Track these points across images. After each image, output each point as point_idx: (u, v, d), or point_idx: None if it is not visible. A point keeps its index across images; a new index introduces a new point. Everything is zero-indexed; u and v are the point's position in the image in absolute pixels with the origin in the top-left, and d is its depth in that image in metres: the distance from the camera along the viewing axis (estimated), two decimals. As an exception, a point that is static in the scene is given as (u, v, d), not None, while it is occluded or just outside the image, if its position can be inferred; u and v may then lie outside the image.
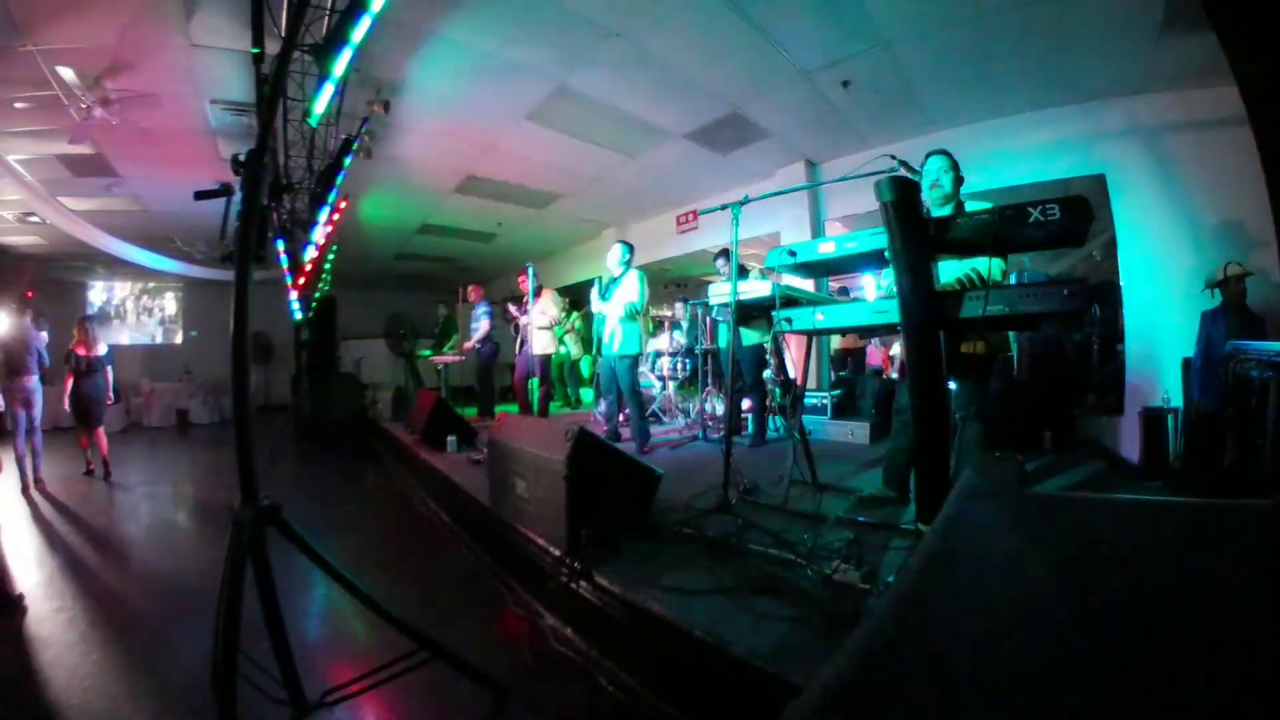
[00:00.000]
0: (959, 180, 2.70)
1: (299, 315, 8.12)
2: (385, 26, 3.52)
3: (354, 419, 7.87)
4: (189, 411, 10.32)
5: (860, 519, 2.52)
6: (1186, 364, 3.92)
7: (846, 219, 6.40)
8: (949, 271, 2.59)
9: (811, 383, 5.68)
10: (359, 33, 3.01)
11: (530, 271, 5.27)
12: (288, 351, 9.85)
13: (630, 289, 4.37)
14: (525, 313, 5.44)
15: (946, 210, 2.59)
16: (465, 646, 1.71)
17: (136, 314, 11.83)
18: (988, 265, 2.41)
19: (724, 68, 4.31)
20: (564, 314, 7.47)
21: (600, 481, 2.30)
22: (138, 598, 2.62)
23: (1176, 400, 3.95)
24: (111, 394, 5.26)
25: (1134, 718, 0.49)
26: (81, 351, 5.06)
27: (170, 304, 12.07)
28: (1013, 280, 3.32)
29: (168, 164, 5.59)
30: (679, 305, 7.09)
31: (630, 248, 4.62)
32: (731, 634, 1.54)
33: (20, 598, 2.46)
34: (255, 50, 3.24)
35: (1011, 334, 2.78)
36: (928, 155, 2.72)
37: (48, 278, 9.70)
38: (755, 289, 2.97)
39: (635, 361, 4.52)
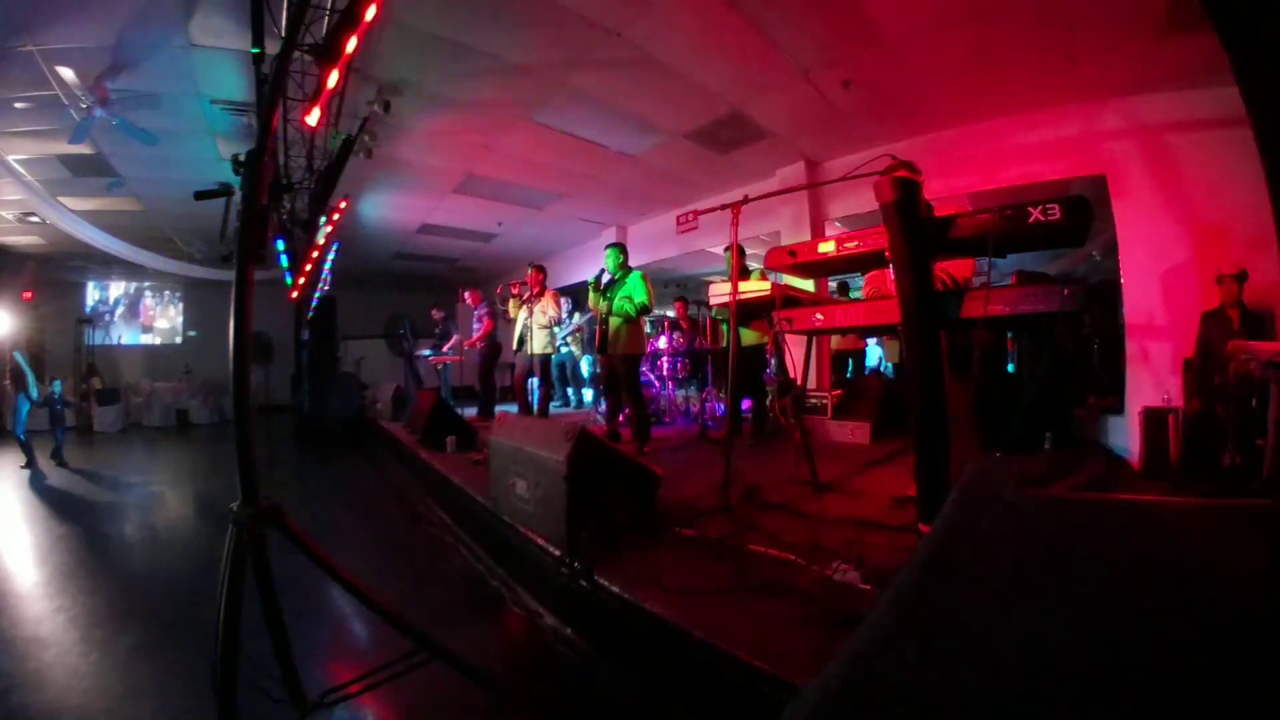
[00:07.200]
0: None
1: (298, 315, 8.14)
2: (385, 26, 3.53)
3: (354, 419, 7.87)
4: (189, 411, 10.32)
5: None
6: (1186, 364, 3.92)
7: (846, 219, 6.41)
8: None
9: (812, 383, 5.68)
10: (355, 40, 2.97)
11: (532, 272, 5.30)
12: (288, 351, 9.86)
13: (638, 290, 4.37)
14: (526, 302, 5.44)
15: None
16: (465, 646, 1.71)
17: (135, 313, 11.82)
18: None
19: (724, 68, 4.31)
20: (568, 315, 7.47)
21: (600, 481, 2.30)
22: (138, 598, 2.61)
23: (1176, 400, 3.95)
24: None
25: (1134, 718, 0.49)
26: None
27: (170, 304, 12.07)
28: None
29: (168, 164, 5.59)
30: (676, 305, 7.10)
31: (622, 248, 4.61)
32: (731, 634, 1.54)
33: None
34: (255, 50, 3.24)
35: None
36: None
37: (47, 278, 9.70)
38: (755, 289, 2.97)
39: (637, 362, 4.52)
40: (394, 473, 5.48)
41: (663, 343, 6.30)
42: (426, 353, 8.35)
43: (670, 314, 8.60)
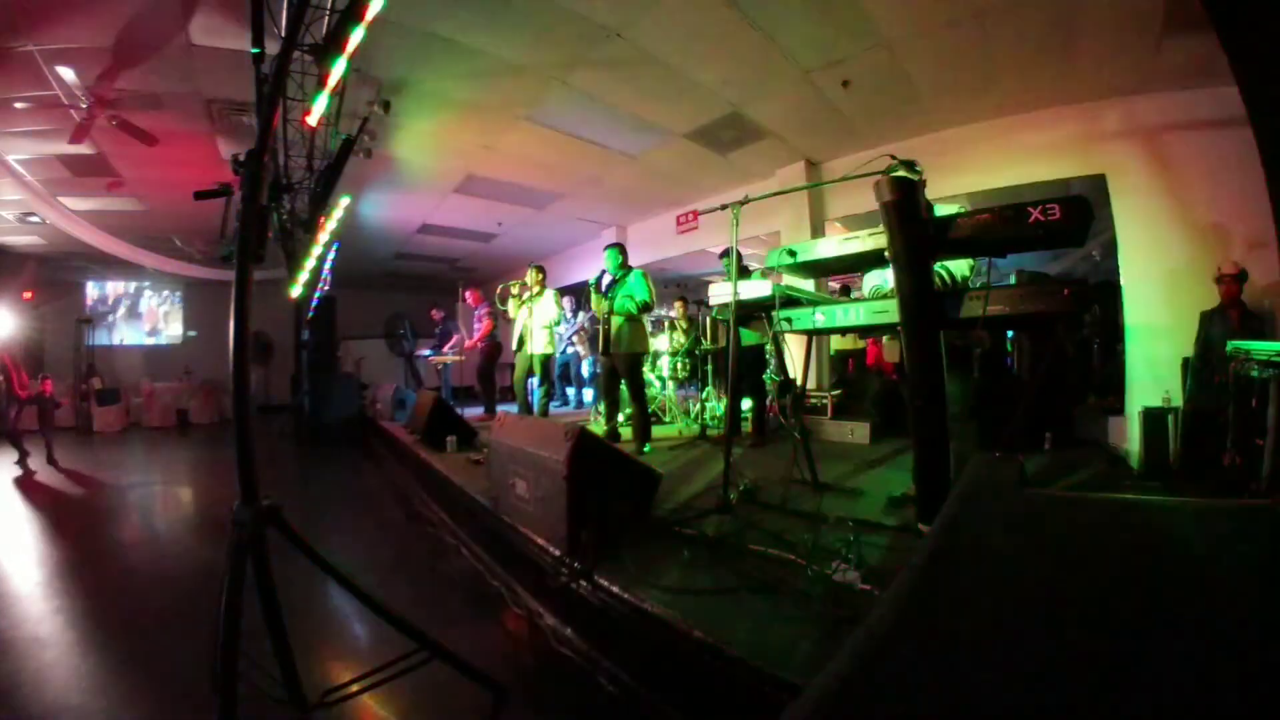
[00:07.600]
0: None
1: (298, 315, 8.12)
2: (385, 26, 3.53)
3: (354, 419, 7.86)
4: (189, 411, 10.32)
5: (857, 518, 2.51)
6: (1186, 364, 3.92)
7: (846, 219, 6.41)
8: None
9: (812, 383, 5.68)
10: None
11: (532, 272, 5.30)
12: (288, 351, 9.88)
13: (639, 288, 4.37)
14: (526, 303, 5.45)
15: None
16: (465, 647, 1.71)
17: (135, 313, 11.82)
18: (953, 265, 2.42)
19: (724, 68, 4.31)
20: (571, 314, 7.46)
21: (600, 481, 2.30)
22: (138, 598, 2.62)
23: (1176, 400, 3.95)
24: None
25: (1133, 717, 0.49)
26: None
27: (170, 304, 12.06)
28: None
29: (168, 164, 5.59)
30: (677, 305, 7.08)
31: (621, 248, 4.60)
32: (731, 634, 1.54)
33: None
34: (255, 50, 3.24)
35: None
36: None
37: (47, 278, 9.69)
38: (755, 289, 2.97)
39: (639, 361, 4.51)
40: (394, 473, 5.48)
41: (663, 342, 6.30)
42: (426, 353, 8.35)
43: (671, 314, 8.59)
